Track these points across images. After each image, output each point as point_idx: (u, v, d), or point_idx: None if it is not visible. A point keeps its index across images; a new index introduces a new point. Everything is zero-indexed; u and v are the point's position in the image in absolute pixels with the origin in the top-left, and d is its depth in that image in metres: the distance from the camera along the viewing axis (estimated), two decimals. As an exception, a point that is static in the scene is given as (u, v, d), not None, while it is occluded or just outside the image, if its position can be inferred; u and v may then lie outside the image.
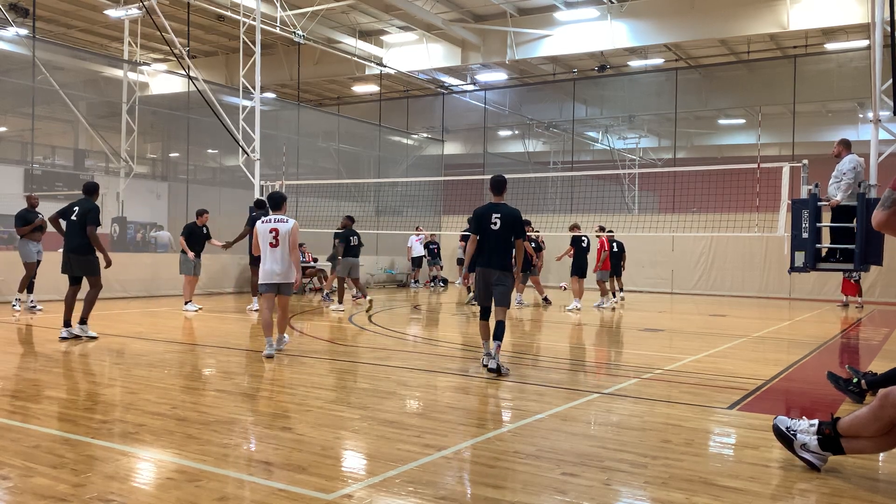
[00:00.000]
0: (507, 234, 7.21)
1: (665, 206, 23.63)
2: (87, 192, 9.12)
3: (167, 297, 16.12)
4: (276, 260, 8.03)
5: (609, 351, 9.85)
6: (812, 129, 25.82)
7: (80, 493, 3.54)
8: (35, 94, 16.27)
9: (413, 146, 28.89)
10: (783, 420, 4.32)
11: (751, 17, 18.87)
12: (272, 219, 8.16)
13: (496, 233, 7.20)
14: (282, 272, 8.04)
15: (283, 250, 8.03)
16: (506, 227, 7.20)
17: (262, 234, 8.09)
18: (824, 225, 9.87)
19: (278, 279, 8.05)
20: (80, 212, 8.88)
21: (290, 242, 8.04)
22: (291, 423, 5.01)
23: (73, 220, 8.93)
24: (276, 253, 8.02)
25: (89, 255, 8.89)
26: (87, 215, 8.81)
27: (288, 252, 8.07)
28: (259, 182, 17.12)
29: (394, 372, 7.20)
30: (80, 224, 8.84)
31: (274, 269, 8.03)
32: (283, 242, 8.02)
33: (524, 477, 3.95)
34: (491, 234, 7.22)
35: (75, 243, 8.88)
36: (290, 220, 8.13)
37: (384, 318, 12.74)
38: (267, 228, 8.06)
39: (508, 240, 7.23)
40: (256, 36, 16.89)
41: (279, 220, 8.11)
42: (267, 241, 8.04)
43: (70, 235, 9.00)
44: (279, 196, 8.42)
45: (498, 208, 7.28)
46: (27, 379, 6.52)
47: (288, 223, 8.09)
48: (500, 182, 7.43)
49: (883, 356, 9.03)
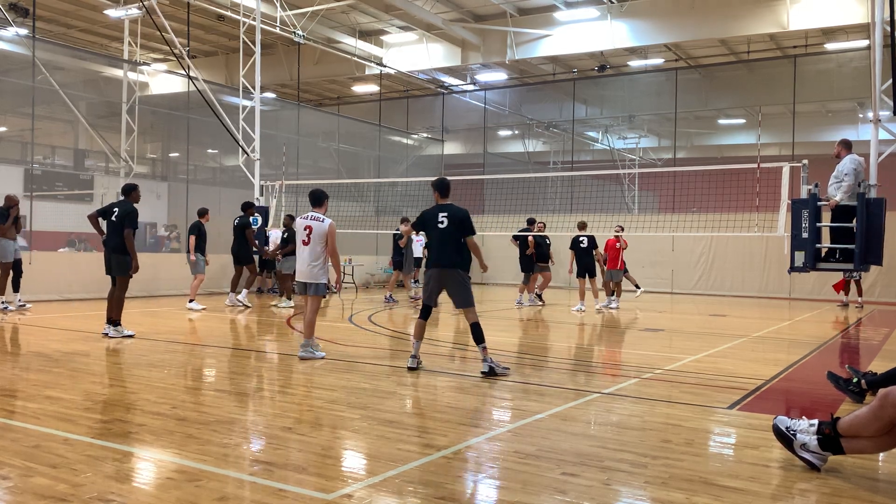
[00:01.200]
0: (455, 232, 7.19)
1: (665, 206, 23.63)
2: (125, 192, 9.49)
3: (167, 297, 16.12)
4: (304, 259, 7.93)
5: (609, 351, 9.85)
6: (812, 129, 25.81)
7: (80, 493, 3.54)
8: (35, 94, 16.26)
9: (413, 146, 28.89)
10: (783, 420, 4.32)
11: (751, 17, 18.86)
12: (309, 216, 8.01)
13: (443, 230, 7.20)
14: (306, 271, 7.91)
15: (312, 249, 7.87)
16: (453, 224, 7.18)
17: (297, 230, 8.02)
18: (824, 225, 9.87)
19: (304, 278, 7.95)
20: (119, 213, 9.17)
21: (324, 242, 7.86)
22: (291, 423, 5.01)
23: (112, 220, 9.21)
24: (305, 252, 7.91)
25: (125, 255, 9.13)
26: (126, 217, 9.09)
27: (319, 251, 7.88)
28: (259, 182, 17.12)
29: (394, 372, 7.20)
30: (119, 224, 9.11)
31: (301, 269, 7.97)
32: (315, 242, 7.85)
33: (524, 477, 3.95)
34: (438, 232, 7.23)
35: (114, 242, 9.16)
36: (326, 220, 7.91)
37: (384, 318, 12.75)
38: (302, 225, 7.94)
39: (457, 238, 7.20)
40: (256, 36, 16.89)
41: (314, 218, 7.95)
42: (301, 239, 7.95)
43: (110, 235, 9.27)
44: (320, 193, 8.15)
45: (444, 208, 7.29)
46: (27, 379, 6.52)
47: (324, 223, 7.89)
48: (443, 184, 7.41)
49: (883, 356, 9.03)
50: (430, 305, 7.40)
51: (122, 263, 9.17)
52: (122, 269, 9.19)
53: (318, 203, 8.06)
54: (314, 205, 8.08)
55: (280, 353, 8.46)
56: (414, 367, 7.19)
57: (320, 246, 7.86)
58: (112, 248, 9.18)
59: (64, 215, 18.24)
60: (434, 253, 7.32)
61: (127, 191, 9.51)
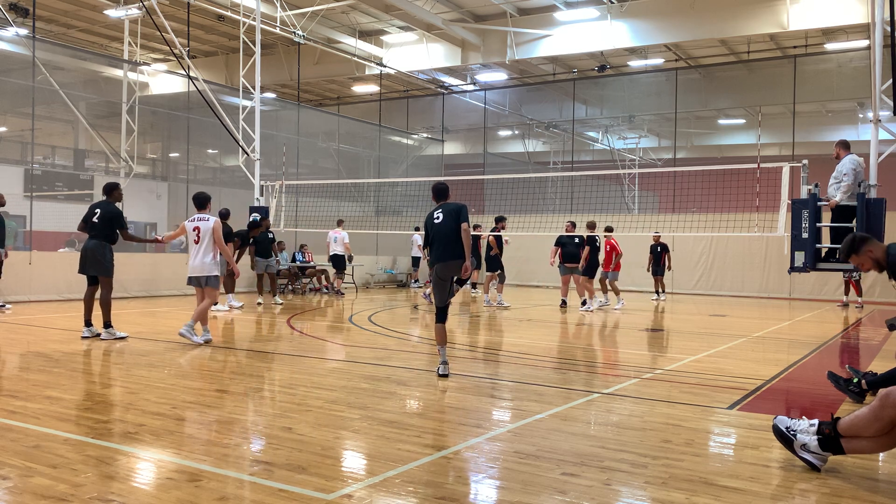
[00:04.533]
0: (453, 223, 7.06)
1: (665, 206, 23.65)
2: (106, 192, 9.42)
3: (167, 297, 16.12)
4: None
5: (609, 351, 9.85)
6: (812, 129, 25.82)
7: (80, 493, 3.54)
8: (35, 94, 16.25)
9: (413, 146, 28.88)
10: (783, 420, 4.32)
11: (751, 17, 18.86)
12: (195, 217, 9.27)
13: (440, 225, 7.10)
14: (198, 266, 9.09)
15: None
16: (449, 216, 7.08)
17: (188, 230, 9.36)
18: (824, 225, 9.87)
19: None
20: (102, 215, 9.10)
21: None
22: (291, 423, 5.00)
23: (94, 221, 9.09)
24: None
25: (103, 255, 9.02)
26: (114, 220, 9.11)
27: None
28: (259, 182, 17.11)
29: (394, 372, 7.20)
30: (101, 225, 9.04)
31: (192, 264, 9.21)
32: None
33: (524, 477, 3.95)
34: (436, 229, 7.13)
35: (93, 243, 9.05)
36: (212, 219, 9.09)
37: (384, 318, 12.74)
38: (191, 227, 9.14)
39: (456, 230, 7.05)
40: (256, 36, 16.89)
41: (201, 219, 9.13)
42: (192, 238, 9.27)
43: (91, 235, 9.13)
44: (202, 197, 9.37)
45: (440, 206, 7.23)
46: (27, 379, 6.52)
47: (209, 221, 9.07)
48: (436, 189, 7.36)
49: (883, 356, 9.03)
50: (444, 307, 7.22)
51: (100, 264, 9.01)
52: (103, 270, 9.04)
53: (203, 206, 9.24)
54: (199, 208, 9.24)
55: (280, 354, 8.46)
56: (446, 374, 6.98)
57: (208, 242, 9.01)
58: (92, 247, 9.02)
59: (64, 215, 18.22)
60: (436, 250, 7.18)
61: (108, 190, 9.37)
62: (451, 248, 7.05)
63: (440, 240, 7.12)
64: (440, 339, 7.16)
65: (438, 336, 7.17)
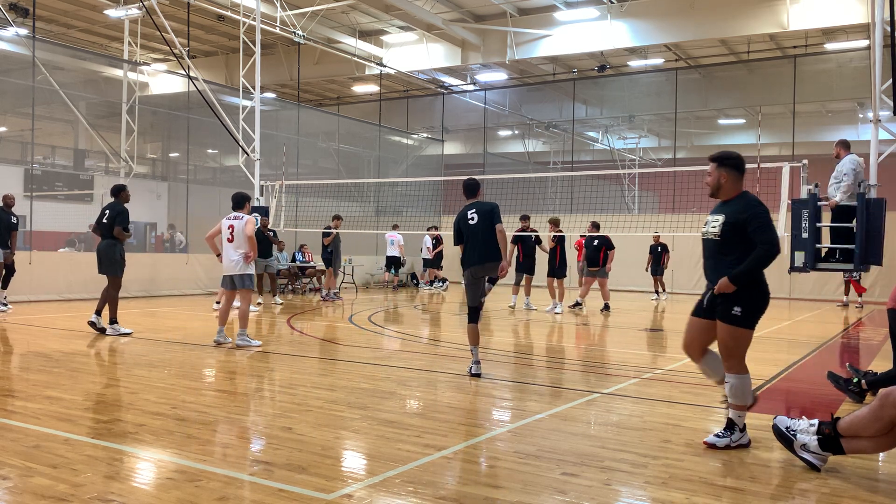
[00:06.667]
0: (486, 223, 7.01)
1: (665, 206, 23.63)
2: (114, 193, 9.84)
3: (167, 297, 16.13)
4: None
5: (609, 351, 9.85)
6: (812, 129, 25.80)
7: (80, 493, 3.54)
8: (35, 94, 16.24)
9: (413, 146, 28.88)
10: (783, 420, 4.32)
11: (751, 17, 18.85)
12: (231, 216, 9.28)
13: (475, 226, 7.04)
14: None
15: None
16: (483, 217, 7.03)
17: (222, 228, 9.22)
18: (824, 225, 9.87)
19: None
20: (110, 214, 9.53)
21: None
22: (291, 423, 5.00)
23: (104, 221, 9.59)
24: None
25: (114, 254, 9.46)
26: (117, 217, 9.48)
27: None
28: (259, 182, 17.11)
29: (394, 372, 7.20)
30: (110, 225, 9.51)
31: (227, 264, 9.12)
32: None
33: (524, 477, 3.95)
34: (471, 230, 7.07)
35: (103, 244, 9.58)
36: (245, 217, 9.05)
37: (384, 318, 12.74)
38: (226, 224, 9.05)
39: (492, 231, 7.02)
40: (256, 36, 16.88)
41: (236, 217, 9.12)
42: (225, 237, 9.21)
43: (102, 235, 9.66)
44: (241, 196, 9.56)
45: (472, 206, 7.18)
46: (27, 379, 6.52)
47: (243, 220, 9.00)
48: (466, 185, 7.32)
49: (883, 356, 9.02)
50: (477, 307, 7.14)
51: (110, 263, 9.46)
52: (111, 269, 9.48)
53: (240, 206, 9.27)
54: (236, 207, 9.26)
55: (280, 353, 8.46)
56: (478, 373, 6.94)
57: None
58: (104, 248, 9.50)
59: (64, 215, 18.24)
60: (472, 251, 7.06)
61: (116, 192, 9.81)
62: (489, 249, 7.01)
63: (476, 241, 7.04)
64: (473, 339, 7.11)
65: (471, 336, 7.12)
